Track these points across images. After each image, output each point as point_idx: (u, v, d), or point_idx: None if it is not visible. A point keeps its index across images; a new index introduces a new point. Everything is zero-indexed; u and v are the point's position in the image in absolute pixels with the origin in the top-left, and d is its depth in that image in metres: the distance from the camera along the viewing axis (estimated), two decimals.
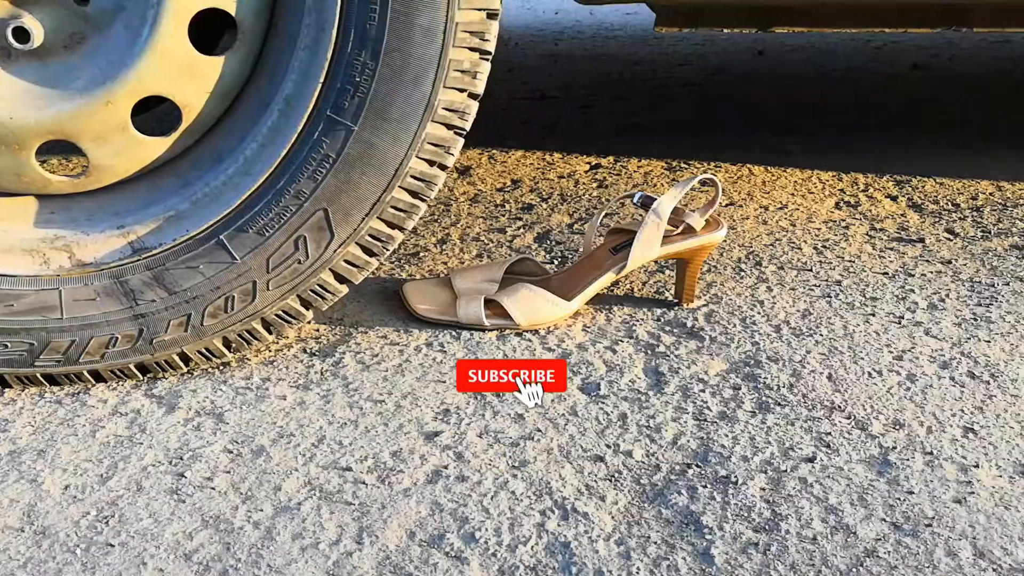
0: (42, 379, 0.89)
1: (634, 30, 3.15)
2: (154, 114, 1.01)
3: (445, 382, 0.90)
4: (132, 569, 0.66)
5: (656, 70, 2.45)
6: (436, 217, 1.36)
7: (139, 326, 0.87)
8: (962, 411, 0.84)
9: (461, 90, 0.84)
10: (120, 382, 0.91)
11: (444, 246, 1.25)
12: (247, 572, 0.66)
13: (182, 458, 0.79)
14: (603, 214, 1.12)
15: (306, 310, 0.90)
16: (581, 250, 1.10)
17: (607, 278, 1.02)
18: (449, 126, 0.85)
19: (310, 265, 0.87)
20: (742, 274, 1.14)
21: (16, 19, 0.78)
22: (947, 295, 1.08)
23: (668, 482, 0.75)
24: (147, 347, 0.88)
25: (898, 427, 0.81)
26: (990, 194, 1.43)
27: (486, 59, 0.84)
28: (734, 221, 1.33)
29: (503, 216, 1.36)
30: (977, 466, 0.76)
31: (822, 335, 0.98)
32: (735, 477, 0.75)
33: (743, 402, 0.86)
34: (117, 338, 0.87)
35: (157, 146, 0.85)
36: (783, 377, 0.90)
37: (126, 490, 0.75)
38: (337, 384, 0.90)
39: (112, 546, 0.68)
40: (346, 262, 0.88)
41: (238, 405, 0.87)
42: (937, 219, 1.33)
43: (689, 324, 1.01)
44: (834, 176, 1.53)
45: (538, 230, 1.30)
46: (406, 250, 1.23)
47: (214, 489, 0.75)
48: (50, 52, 0.81)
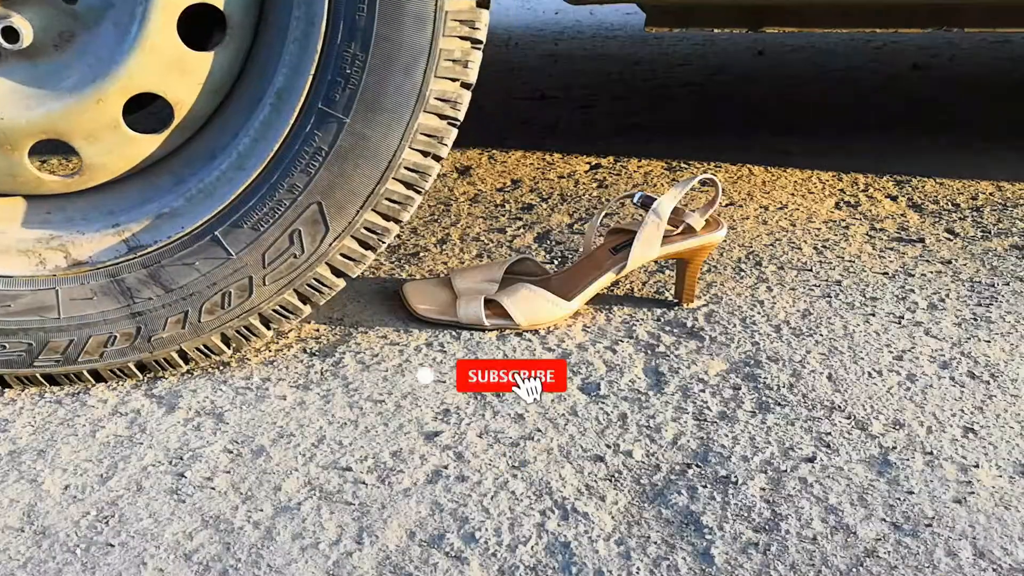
0: (42, 379, 0.89)
1: (634, 30, 3.15)
2: (149, 111, 1.01)
3: (445, 382, 0.90)
4: (132, 569, 0.66)
5: (656, 70, 2.45)
6: (436, 217, 1.36)
7: (137, 324, 0.87)
8: (962, 411, 0.84)
9: (453, 79, 0.84)
10: (120, 382, 0.91)
11: (444, 246, 1.25)
12: (247, 572, 0.66)
13: (182, 458, 0.79)
14: (603, 214, 1.12)
15: (303, 305, 0.90)
16: (581, 250, 1.10)
17: (607, 278, 1.02)
18: (442, 116, 0.84)
19: (306, 259, 0.87)
20: (742, 274, 1.14)
21: (5, 19, 0.78)
22: (947, 295, 1.08)
23: (668, 482, 0.75)
24: (145, 345, 0.88)
25: (898, 427, 0.81)
26: (990, 194, 1.43)
27: (477, 48, 0.84)
28: (734, 221, 1.33)
29: (503, 216, 1.36)
30: (977, 466, 0.76)
31: (822, 335, 0.98)
32: (735, 477, 0.75)
33: (743, 402, 0.86)
34: (115, 337, 0.87)
35: (150, 143, 0.85)
36: (783, 377, 0.90)
37: (126, 490, 0.75)
38: (337, 384, 0.90)
39: (112, 546, 0.68)
40: (342, 255, 0.88)
41: (238, 405, 0.87)
42: (937, 219, 1.33)
43: (689, 324, 1.01)
44: (834, 176, 1.53)
45: (538, 230, 1.30)
46: (406, 250, 1.23)
47: (214, 489, 0.75)
48: (40, 51, 0.81)
